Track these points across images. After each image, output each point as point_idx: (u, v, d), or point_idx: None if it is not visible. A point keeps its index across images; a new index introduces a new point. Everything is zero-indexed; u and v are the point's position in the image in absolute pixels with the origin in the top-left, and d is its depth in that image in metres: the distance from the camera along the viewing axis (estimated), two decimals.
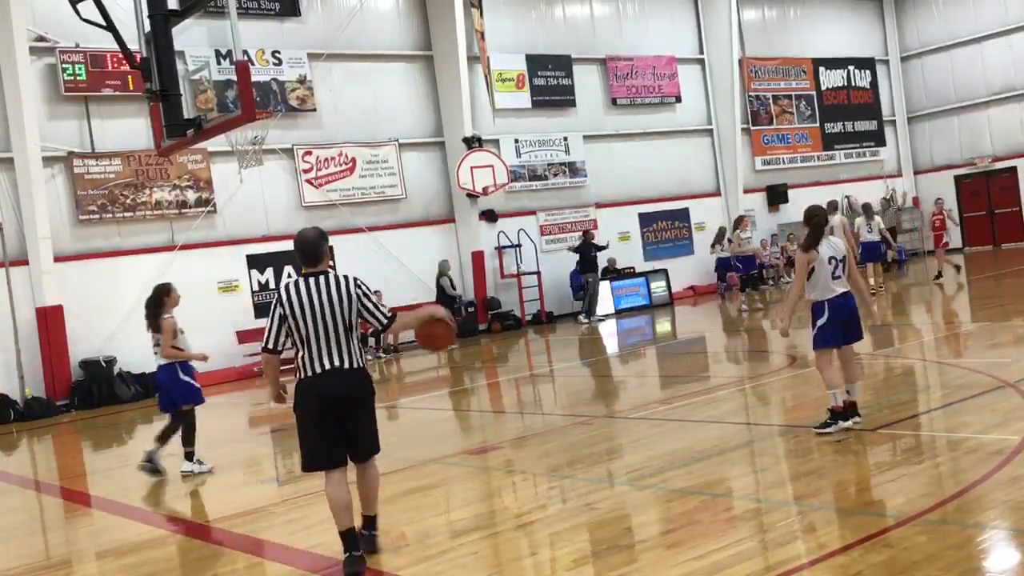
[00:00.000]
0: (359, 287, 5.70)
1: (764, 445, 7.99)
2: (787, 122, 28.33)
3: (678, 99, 25.92)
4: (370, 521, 5.98)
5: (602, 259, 23.50)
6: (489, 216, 22.11)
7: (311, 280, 5.63)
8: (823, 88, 29.11)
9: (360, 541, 5.74)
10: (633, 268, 24.09)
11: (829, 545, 5.11)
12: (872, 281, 18.75)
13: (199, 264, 18.61)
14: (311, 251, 5.79)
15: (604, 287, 22.66)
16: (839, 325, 7.84)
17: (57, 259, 17.00)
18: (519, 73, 23.05)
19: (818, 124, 28.96)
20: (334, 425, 5.59)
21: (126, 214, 18.09)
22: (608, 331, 20.28)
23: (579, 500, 6.99)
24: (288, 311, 5.57)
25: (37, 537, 7.96)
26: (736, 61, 26.43)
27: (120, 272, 17.82)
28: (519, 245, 22.34)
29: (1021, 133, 28.07)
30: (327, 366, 5.58)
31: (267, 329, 5.66)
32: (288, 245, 19.58)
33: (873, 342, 12.66)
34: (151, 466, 9.20)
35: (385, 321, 5.83)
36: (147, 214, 18.30)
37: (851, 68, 29.80)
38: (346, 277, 5.68)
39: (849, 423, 7.75)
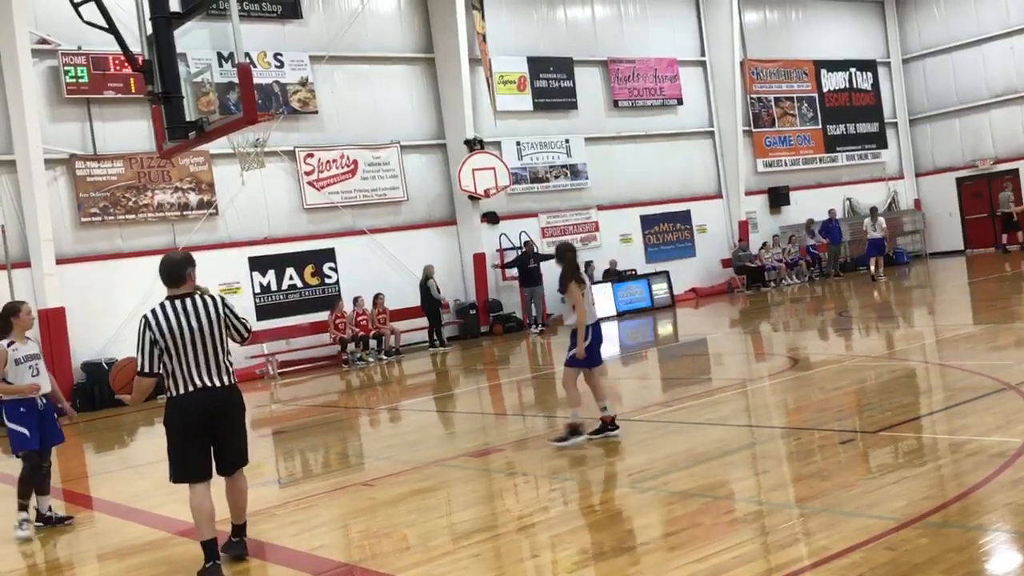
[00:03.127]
0: (225, 306, 6.04)
1: (766, 447, 7.98)
2: (789, 124, 28.33)
3: (679, 101, 25.92)
4: (239, 529, 6.26)
5: (604, 261, 23.54)
6: (491, 218, 22.11)
7: (177, 303, 5.87)
8: (825, 90, 29.11)
9: (229, 547, 6.14)
10: (634, 270, 24.08)
11: (831, 548, 5.10)
12: (873, 269, 23.13)
13: (201, 266, 18.51)
14: (174, 273, 5.98)
15: (606, 289, 22.65)
16: (595, 348, 8.58)
17: (59, 261, 17.02)
18: (520, 75, 23.06)
19: (820, 126, 28.96)
20: (203, 440, 5.90)
21: (128, 216, 18.10)
22: (609, 334, 20.27)
23: (581, 502, 6.99)
24: (158, 334, 5.77)
25: (38, 539, 7.95)
26: (737, 63, 26.43)
27: (122, 274, 17.83)
28: (521, 247, 22.32)
29: (1022, 135, 28.05)
30: (199, 384, 5.84)
31: (140, 354, 5.82)
32: (291, 247, 19.80)
33: (875, 344, 12.65)
34: (47, 519, 7.81)
35: (246, 334, 6.18)
36: (149, 216, 18.32)
37: (853, 70, 29.80)
38: (212, 298, 5.99)
39: (583, 438, 8.45)
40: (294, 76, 20.07)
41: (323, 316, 19.56)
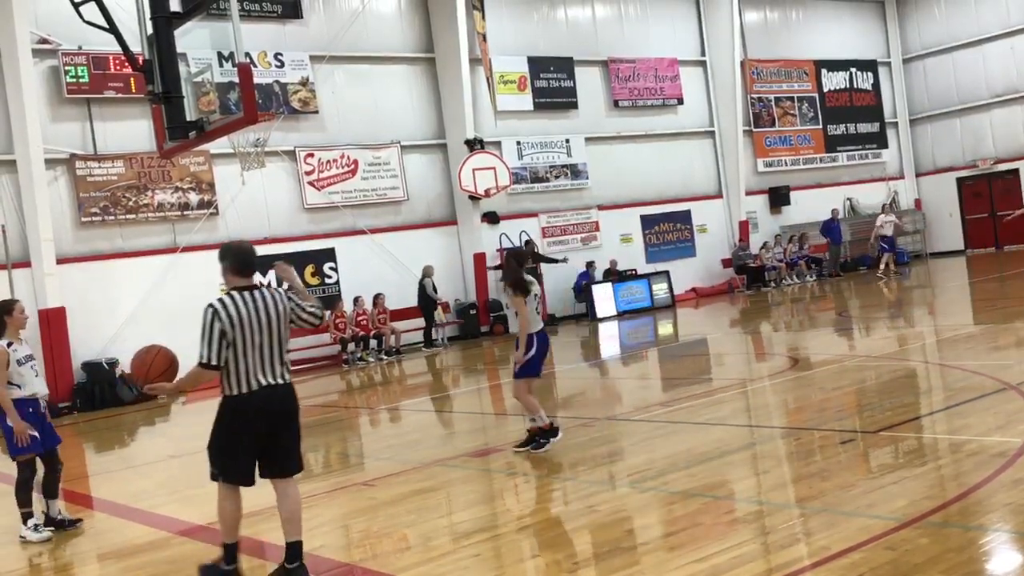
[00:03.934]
0: (290, 299, 5.75)
1: (766, 447, 7.99)
2: (789, 124, 28.32)
3: (680, 101, 25.92)
4: (296, 550, 5.62)
5: (603, 261, 23.54)
6: (491, 218, 22.10)
7: (246, 294, 5.57)
8: (825, 90, 29.10)
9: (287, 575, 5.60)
10: (635, 270, 24.07)
11: (831, 548, 5.10)
12: (883, 266, 23.77)
13: (201, 266, 18.53)
14: (248, 261, 5.72)
15: (606, 289, 22.65)
16: (542, 356, 8.59)
17: (59, 261, 17.01)
18: (521, 75, 23.06)
19: (820, 126, 28.95)
20: (256, 443, 5.58)
21: (128, 216, 18.10)
22: (609, 333, 20.27)
23: (581, 502, 6.98)
24: (228, 325, 5.44)
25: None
26: (738, 63, 26.42)
27: (122, 274, 17.84)
28: (520, 247, 22.33)
29: (1023, 135, 28.04)
30: (263, 382, 5.53)
31: (205, 344, 5.46)
32: (291, 247, 19.77)
33: (876, 344, 12.65)
34: (58, 523, 7.69)
35: (320, 316, 5.88)
36: (149, 216, 18.32)
37: (853, 70, 29.79)
38: (277, 291, 5.71)
39: (559, 437, 8.48)
40: (294, 76, 20.07)
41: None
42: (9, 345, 7.49)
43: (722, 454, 7.65)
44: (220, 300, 5.52)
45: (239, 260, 5.69)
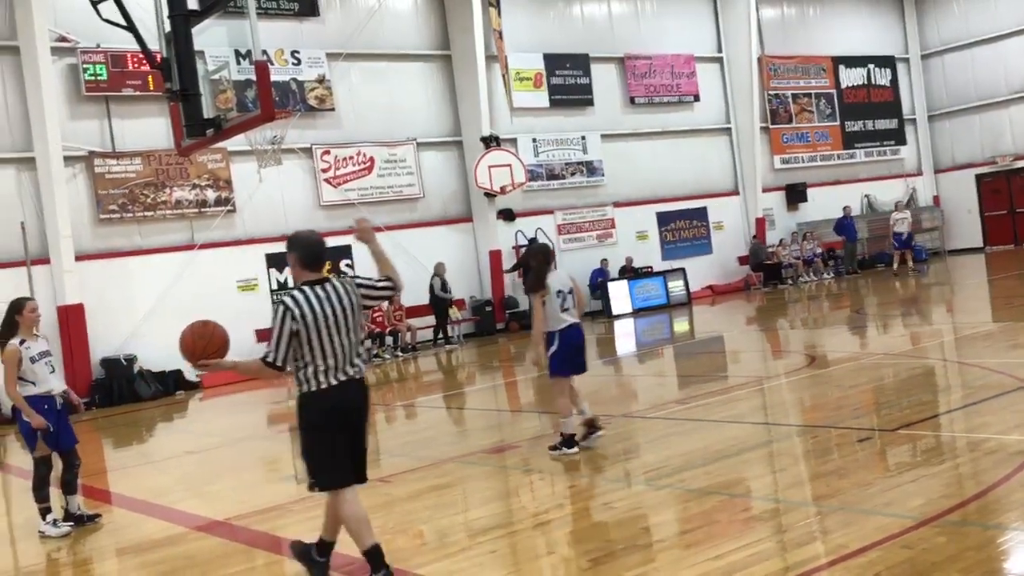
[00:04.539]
0: (359, 285, 5.41)
1: (783, 445, 7.96)
2: (807, 120, 28.18)
3: (696, 98, 25.84)
4: (378, 552, 5.27)
5: (619, 259, 23.51)
6: (507, 215, 22.09)
7: (317, 288, 5.24)
8: (843, 86, 28.94)
9: None
10: (651, 267, 24.03)
11: (848, 546, 5.08)
12: (896, 264, 24.53)
13: (218, 263, 18.71)
14: (319, 253, 5.42)
15: (622, 286, 22.61)
16: (570, 353, 8.25)
17: (78, 258, 17.13)
18: (537, 72, 23.04)
19: (838, 122, 28.80)
20: (346, 439, 5.27)
21: (146, 213, 18.20)
22: (625, 330, 20.24)
23: (597, 499, 6.99)
24: (301, 324, 5.12)
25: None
26: (755, 59, 26.31)
27: (140, 271, 17.96)
28: (526, 244, 22.28)
29: None
30: (342, 377, 5.24)
31: (276, 344, 5.17)
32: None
33: (893, 342, 12.59)
34: (77, 518, 7.74)
35: (393, 287, 5.51)
36: (167, 213, 18.42)
37: (871, 66, 29.62)
38: (344, 280, 5.39)
39: (576, 449, 8.14)
40: (311, 73, 20.13)
41: None
42: (22, 343, 7.52)
43: (738, 452, 7.63)
44: (292, 296, 5.21)
45: (308, 253, 5.39)
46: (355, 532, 5.26)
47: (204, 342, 5.50)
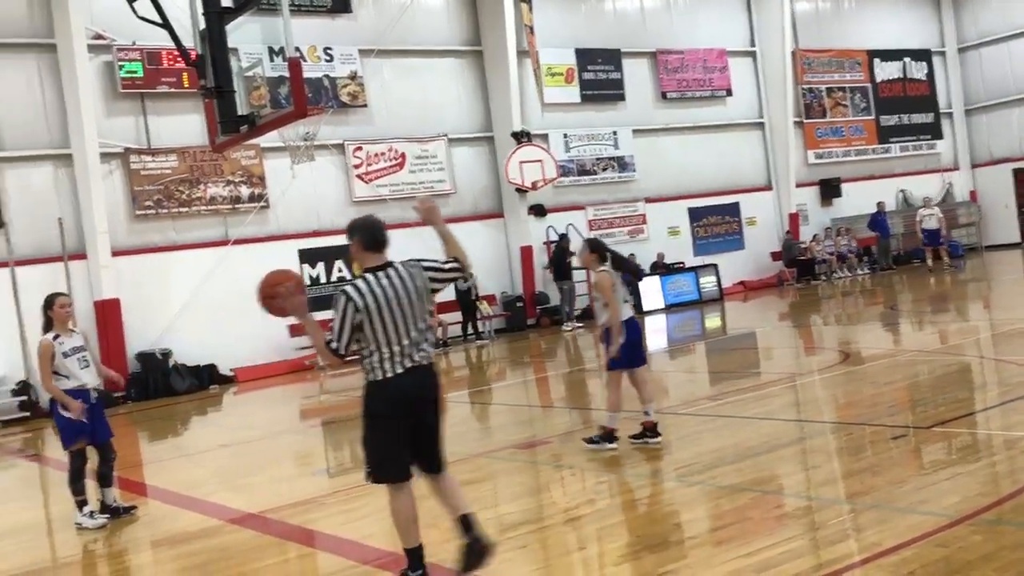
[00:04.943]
0: (425, 268, 5.26)
1: (815, 442, 7.90)
2: (841, 115, 27.91)
3: (729, 92, 25.67)
4: (468, 521, 5.16)
5: (651, 254, 23.44)
6: (538, 211, 22.09)
7: (380, 274, 5.12)
8: (878, 80, 28.63)
9: (470, 554, 5.12)
10: (682, 263, 23.93)
11: (882, 544, 5.04)
12: (932, 260, 24.22)
13: (252, 259, 18.79)
14: (380, 236, 5.25)
15: (653, 282, 22.53)
16: (630, 347, 8.07)
17: (114, 253, 17.35)
18: (568, 67, 23.00)
19: (873, 117, 28.49)
20: (409, 431, 5.11)
21: (181, 209, 18.39)
22: (656, 326, 20.17)
23: (627, 495, 6.98)
24: (364, 312, 4.99)
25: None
26: (788, 53, 26.09)
27: (175, 266, 18.15)
28: (557, 240, 22.20)
29: None
30: (409, 364, 5.06)
31: (339, 332, 5.03)
32: (339, 240, 19.85)
33: (928, 339, 12.45)
34: (113, 510, 7.83)
35: (461, 268, 5.37)
36: (202, 209, 18.60)
37: (907, 60, 29.26)
38: (409, 265, 5.24)
39: (614, 445, 8.00)
40: (344, 70, 20.23)
41: None
42: (56, 338, 7.63)
43: (771, 449, 7.58)
44: (354, 285, 5.07)
45: (370, 236, 5.23)
46: (400, 528, 5.15)
47: (282, 276, 5.45)
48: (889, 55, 28.88)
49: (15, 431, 15.34)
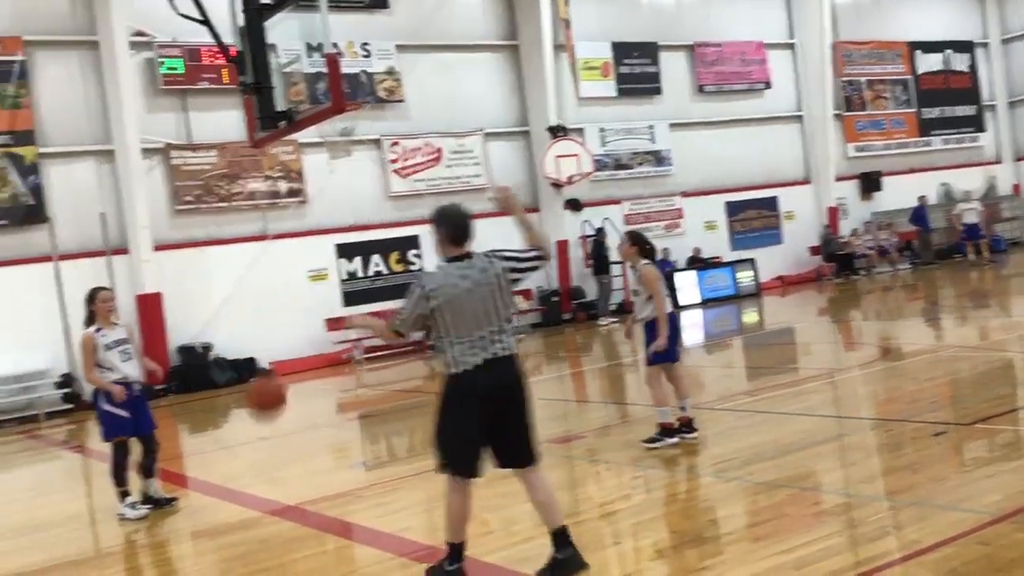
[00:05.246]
0: (505, 259, 5.14)
1: (854, 439, 7.83)
2: (881, 107, 27.55)
3: (767, 85, 25.44)
4: (564, 536, 5.12)
5: (687, 249, 23.32)
6: (574, 205, 22.02)
7: (459, 264, 5.06)
8: (919, 72, 28.21)
9: (557, 566, 5.07)
10: (719, 258, 23.77)
11: (922, 541, 4.99)
12: (974, 255, 24.10)
13: (290, 253, 19.03)
14: (466, 228, 5.15)
15: (690, 277, 22.42)
16: (674, 341, 8.02)
17: (156, 248, 17.57)
18: (604, 61, 22.92)
19: (914, 109, 28.10)
20: (485, 426, 5.03)
21: (221, 204, 18.59)
22: (693, 321, 20.07)
23: (663, 491, 6.97)
24: (440, 301, 4.95)
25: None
26: (828, 45, 25.80)
27: (215, 261, 18.35)
28: (593, 234, 22.13)
29: None
30: (487, 356, 4.99)
31: (405, 313, 5.03)
32: (376, 235, 20.06)
33: (970, 334, 12.28)
34: (155, 501, 7.96)
35: (539, 255, 5.25)
36: (241, 204, 18.78)
37: (949, 51, 28.81)
38: (488, 256, 5.13)
39: (676, 439, 7.92)
40: (381, 65, 20.31)
41: None
42: (98, 331, 7.75)
43: (809, 445, 7.52)
44: (430, 273, 5.08)
45: (456, 229, 5.13)
46: (450, 521, 5.11)
47: (271, 395, 6.30)
48: (931, 47, 28.45)
49: (59, 423, 15.63)
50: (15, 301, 16.43)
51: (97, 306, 7.81)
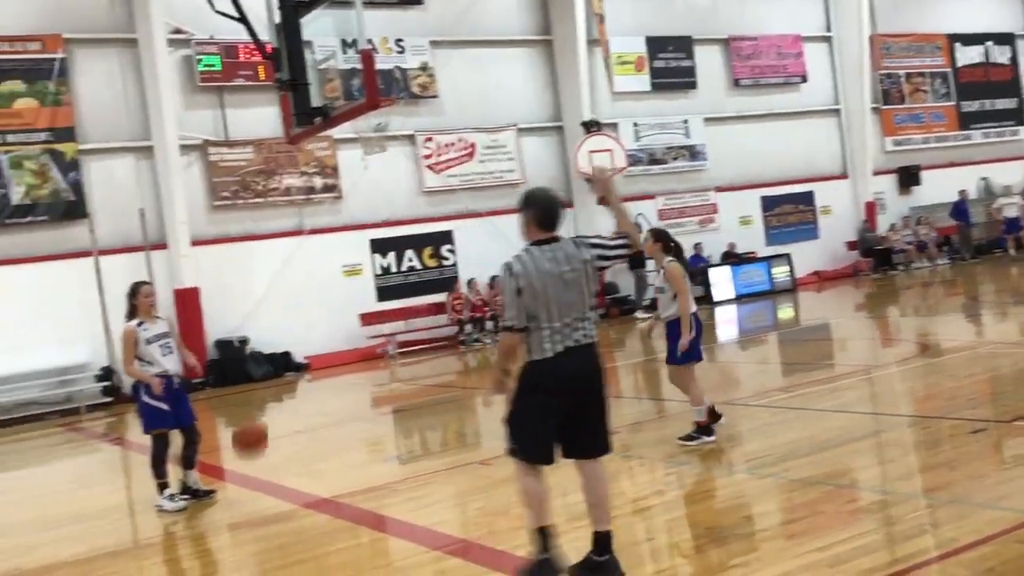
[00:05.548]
0: (592, 246, 5.07)
1: (891, 436, 7.75)
2: (920, 101, 27.19)
3: (803, 79, 25.20)
4: (605, 540, 5.04)
5: (722, 244, 23.19)
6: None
7: (545, 248, 4.96)
8: (959, 65, 27.80)
9: (594, 569, 5.00)
10: (754, 253, 23.61)
11: (959, 540, 4.94)
12: (1016, 250, 23.87)
13: (325, 248, 19.17)
14: (555, 214, 5.07)
15: (724, 272, 22.28)
16: (699, 339, 7.95)
17: (194, 243, 17.78)
18: (639, 56, 22.83)
19: (954, 102, 27.70)
20: (561, 415, 4.91)
21: (257, 200, 18.76)
22: (727, 317, 19.96)
23: (697, 487, 6.95)
24: (524, 282, 4.85)
25: None
26: (866, 38, 25.49)
27: (252, 256, 18.53)
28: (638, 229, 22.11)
29: None
30: (569, 344, 4.90)
31: (507, 306, 4.91)
32: (410, 230, 20.14)
33: (1011, 330, 12.09)
34: (193, 492, 8.07)
35: (627, 243, 5.15)
36: (277, 200, 18.94)
37: (989, 44, 28.36)
38: (576, 240, 5.08)
39: (713, 438, 7.85)
40: (415, 61, 20.38)
41: (441, 298, 19.90)
42: (139, 324, 7.86)
43: (845, 442, 7.46)
44: (517, 256, 4.96)
45: (545, 213, 5.05)
46: (530, 506, 4.96)
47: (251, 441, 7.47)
48: (970, 39, 28.01)
49: (99, 416, 15.87)
50: (56, 295, 16.70)
51: (139, 300, 7.91)
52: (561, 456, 5.05)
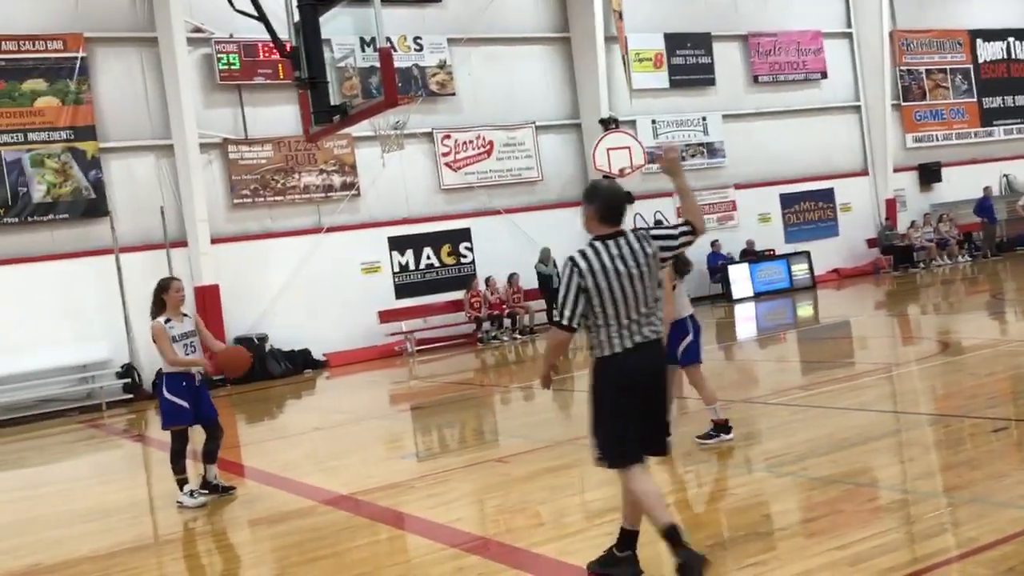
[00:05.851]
0: (656, 238, 4.93)
1: (912, 434, 7.71)
2: (941, 97, 26.99)
3: (823, 75, 25.07)
4: (631, 539, 4.99)
5: (740, 242, 23.10)
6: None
7: (610, 243, 4.81)
8: (980, 61, 27.58)
9: (615, 563, 4.95)
10: (773, 250, 23.50)
11: (980, 539, 4.90)
12: None
13: (344, 246, 19.24)
14: (619, 209, 4.93)
15: (743, 269, 22.21)
16: (697, 341, 7.89)
17: (213, 241, 17.88)
18: (657, 53, 22.77)
19: (975, 99, 27.48)
20: (637, 411, 4.77)
21: (276, 198, 18.84)
22: (746, 315, 19.88)
23: (715, 485, 6.93)
24: (590, 280, 4.70)
25: None
26: (886, 34, 25.33)
27: (271, 253, 18.62)
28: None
29: None
30: (638, 340, 4.77)
31: (563, 303, 4.74)
32: (428, 227, 20.18)
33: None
34: (213, 487, 8.11)
35: (691, 230, 4.99)
36: (296, 198, 19.02)
37: (1011, 39, 28.12)
38: (639, 234, 4.92)
39: (731, 436, 7.81)
40: (433, 59, 20.41)
41: (459, 295, 19.92)
42: (167, 322, 7.88)
43: (865, 440, 7.42)
44: (581, 251, 4.80)
45: (609, 207, 4.90)
46: (649, 508, 4.77)
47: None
48: (992, 35, 27.79)
49: (120, 412, 15.99)
50: (77, 293, 16.84)
51: (170, 296, 7.91)
52: None
